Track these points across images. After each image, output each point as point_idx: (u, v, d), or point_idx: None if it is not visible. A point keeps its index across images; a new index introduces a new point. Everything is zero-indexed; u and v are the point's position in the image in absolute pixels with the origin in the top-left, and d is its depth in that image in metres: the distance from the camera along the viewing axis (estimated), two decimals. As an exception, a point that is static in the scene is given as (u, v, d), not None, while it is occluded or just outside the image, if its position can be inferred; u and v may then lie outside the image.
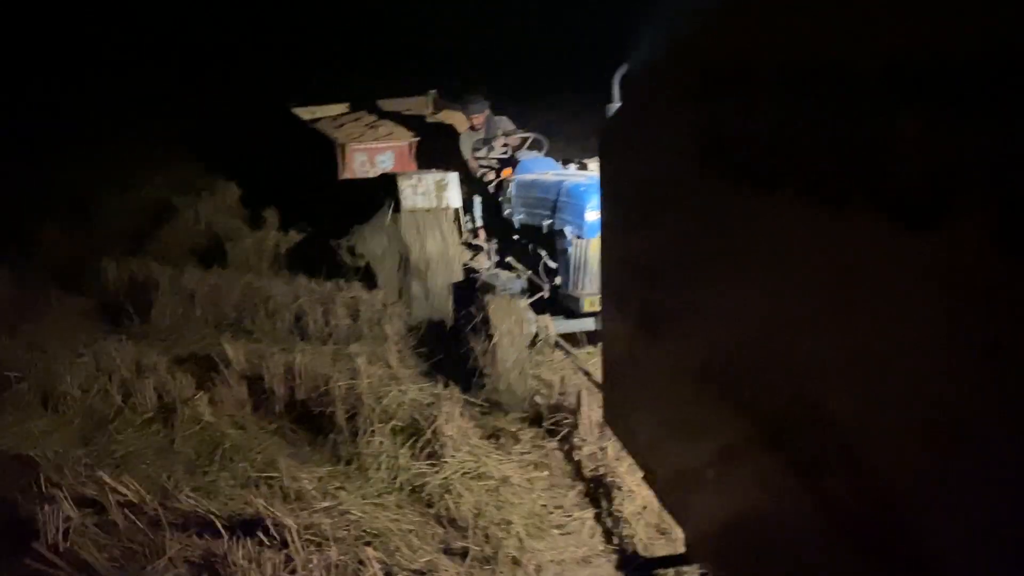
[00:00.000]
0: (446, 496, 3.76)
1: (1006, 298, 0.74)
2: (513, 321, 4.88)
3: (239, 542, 3.20)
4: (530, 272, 5.97)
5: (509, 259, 6.47)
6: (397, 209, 6.28)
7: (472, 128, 7.30)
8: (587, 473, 4.08)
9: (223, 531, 3.34)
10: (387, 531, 3.41)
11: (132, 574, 3.23)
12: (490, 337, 4.82)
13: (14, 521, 3.59)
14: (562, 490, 4.00)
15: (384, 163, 8.25)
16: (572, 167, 6.60)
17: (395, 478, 3.98)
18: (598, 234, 4.63)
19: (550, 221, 5.65)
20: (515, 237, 6.39)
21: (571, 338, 5.59)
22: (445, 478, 3.87)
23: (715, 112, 1.36)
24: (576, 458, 4.23)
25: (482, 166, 7.01)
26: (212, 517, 3.44)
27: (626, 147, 1.93)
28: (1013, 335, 0.74)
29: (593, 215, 5.13)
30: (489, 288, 5.56)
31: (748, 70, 1.23)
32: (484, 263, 6.78)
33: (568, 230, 5.38)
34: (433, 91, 9.91)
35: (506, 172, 6.69)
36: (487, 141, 6.98)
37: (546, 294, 5.68)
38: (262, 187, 9.38)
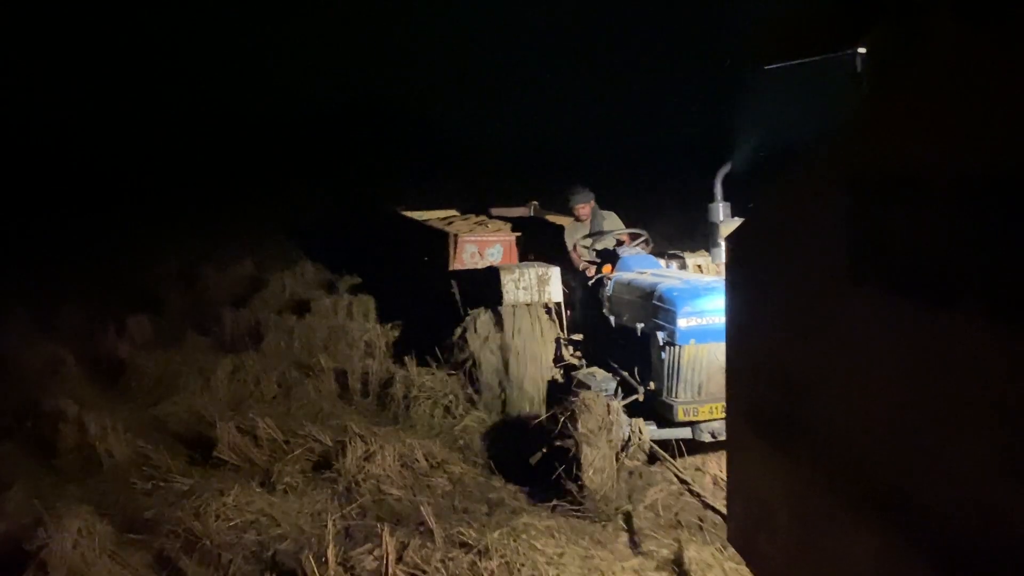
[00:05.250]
0: (463, 436, 6.00)
1: None
2: (601, 421, 4.82)
3: (338, 444, 5.46)
4: (625, 373, 5.77)
5: (608, 359, 6.21)
6: (499, 302, 6.45)
7: (576, 219, 7.32)
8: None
9: (328, 443, 5.61)
10: (424, 446, 5.65)
11: (275, 461, 5.49)
12: (576, 434, 4.81)
13: (203, 440, 5.90)
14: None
15: (493, 255, 8.40)
16: (673, 265, 6.67)
17: (430, 429, 6.23)
18: (691, 341, 4.99)
19: (643, 324, 5.50)
20: (613, 336, 6.17)
21: (665, 446, 5.38)
22: (463, 427, 6.13)
23: (873, 222, 1.31)
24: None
25: (586, 261, 6.96)
26: (319, 436, 5.71)
27: (758, 255, 1.87)
28: None
29: (687, 321, 5.01)
30: (584, 386, 5.53)
31: (914, 178, 1.19)
32: (584, 360, 6.62)
33: (660, 335, 5.18)
34: (535, 201, 10.58)
35: (606, 268, 6.58)
36: (596, 235, 6.99)
37: (640, 398, 5.43)
38: (344, 267, 11.72)
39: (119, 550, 4.40)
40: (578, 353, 6.74)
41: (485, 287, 6.69)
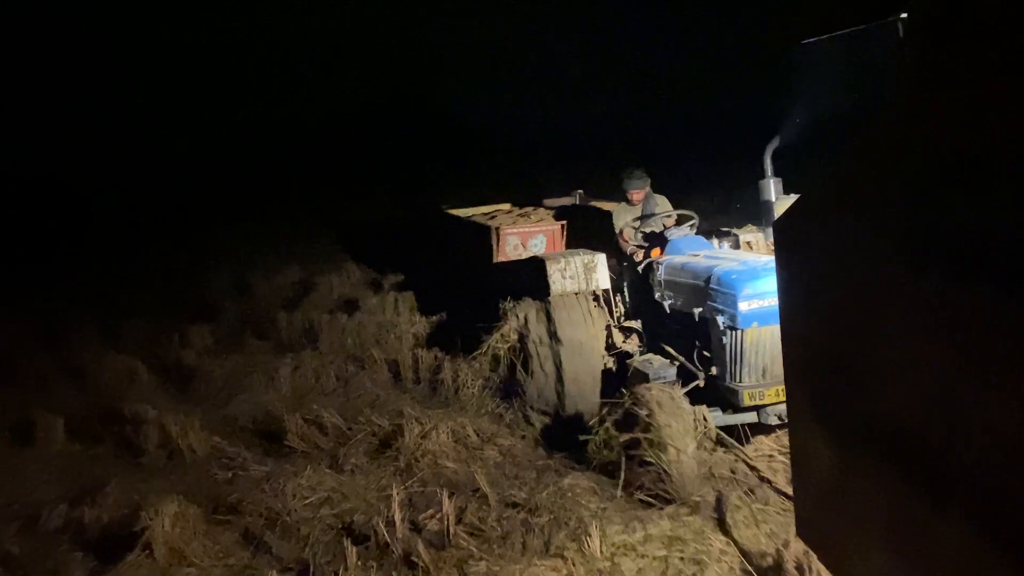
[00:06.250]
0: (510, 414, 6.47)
1: None
2: (675, 412, 4.74)
3: (396, 427, 5.96)
4: (683, 359, 5.65)
5: (664, 345, 6.02)
6: (547, 293, 6.38)
7: (630, 203, 7.16)
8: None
9: (387, 427, 6.11)
10: (475, 423, 6.12)
11: (340, 445, 6.01)
12: (649, 427, 4.73)
13: (273, 432, 6.44)
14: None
15: (536, 246, 8.38)
16: (725, 244, 6.54)
17: (479, 409, 6.70)
18: (754, 324, 4.89)
19: (701, 309, 5.37)
20: (667, 321, 6.06)
21: (730, 431, 5.31)
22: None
23: (933, 204, 1.27)
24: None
25: (634, 246, 6.81)
26: (379, 421, 6.21)
27: (810, 240, 1.82)
28: None
29: (747, 304, 4.93)
30: (641, 375, 5.44)
31: (974, 155, 1.14)
32: (636, 347, 6.49)
33: (721, 319, 5.09)
34: (580, 190, 10.35)
35: (655, 252, 6.45)
36: (646, 218, 6.89)
37: (701, 384, 5.38)
38: (389, 267, 12.20)
39: (210, 530, 4.95)
40: (632, 339, 6.62)
41: (531, 278, 6.63)
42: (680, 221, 6.72)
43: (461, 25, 22.19)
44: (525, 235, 8.49)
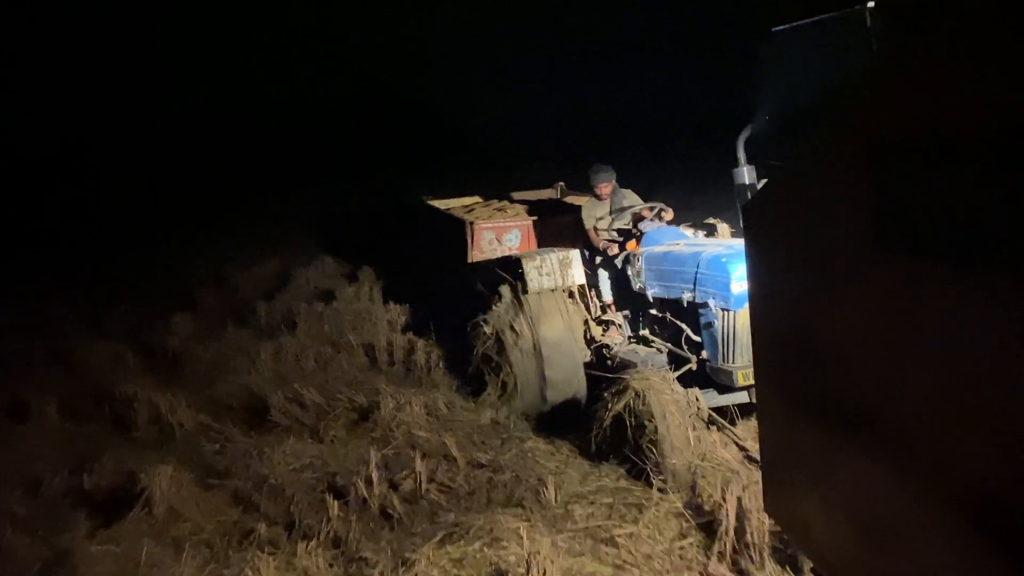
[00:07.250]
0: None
1: None
2: (670, 397, 4.85)
3: (372, 403, 6.45)
4: (670, 345, 5.84)
5: (644, 333, 6.31)
6: (524, 290, 6.45)
7: (598, 198, 7.24)
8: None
9: (364, 403, 6.60)
10: (446, 396, 6.62)
11: (321, 420, 6.48)
12: (646, 414, 4.83)
13: (257, 409, 6.90)
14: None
15: (511, 241, 8.44)
16: (700, 234, 6.69)
17: (451, 387, 7.21)
18: (746, 305, 4.29)
19: (691, 294, 5.49)
20: (651, 311, 6.21)
21: (720, 411, 5.43)
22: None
23: (896, 185, 1.29)
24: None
25: (606, 240, 6.96)
26: (356, 398, 6.70)
27: (778, 222, 1.85)
28: None
29: (739, 286, 4.99)
30: (629, 364, 5.57)
31: (936, 138, 1.16)
32: (617, 339, 6.64)
33: (712, 302, 5.23)
34: (560, 182, 10.53)
35: (631, 245, 6.58)
36: (618, 211, 6.96)
37: (694, 367, 5.51)
38: (364, 259, 12.60)
39: (202, 492, 5.42)
40: (611, 332, 6.76)
41: (507, 275, 6.71)
42: (651, 212, 6.80)
43: (438, 17, 22.63)
44: (500, 230, 8.54)
